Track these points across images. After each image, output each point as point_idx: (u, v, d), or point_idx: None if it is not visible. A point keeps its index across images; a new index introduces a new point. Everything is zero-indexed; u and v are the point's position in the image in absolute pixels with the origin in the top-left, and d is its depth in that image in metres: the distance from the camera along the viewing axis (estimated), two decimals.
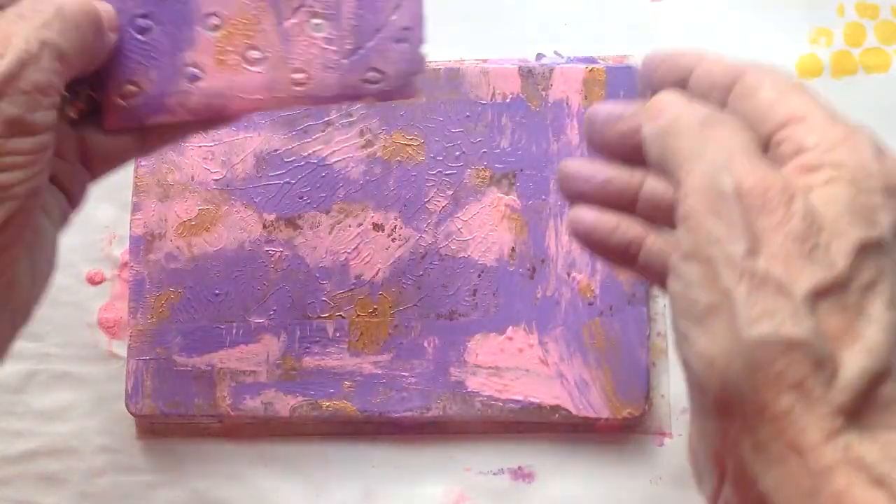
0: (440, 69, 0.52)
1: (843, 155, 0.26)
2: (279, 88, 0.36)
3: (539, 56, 0.53)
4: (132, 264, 0.51)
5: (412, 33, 0.36)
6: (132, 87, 0.36)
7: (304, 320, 0.50)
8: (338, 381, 0.50)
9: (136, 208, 0.52)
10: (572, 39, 0.53)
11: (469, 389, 0.49)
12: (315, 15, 0.35)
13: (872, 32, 0.52)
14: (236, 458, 0.51)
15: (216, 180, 0.51)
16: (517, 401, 0.49)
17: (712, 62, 0.31)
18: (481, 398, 0.49)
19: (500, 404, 0.49)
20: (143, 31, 0.35)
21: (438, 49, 0.53)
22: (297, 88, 0.36)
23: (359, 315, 0.50)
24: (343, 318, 0.50)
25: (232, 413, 0.50)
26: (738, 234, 0.25)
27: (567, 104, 0.51)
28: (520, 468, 0.50)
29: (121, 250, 0.52)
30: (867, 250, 0.25)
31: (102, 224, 0.53)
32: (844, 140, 0.27)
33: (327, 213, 0.51)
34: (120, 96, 0.36)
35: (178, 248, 0.51)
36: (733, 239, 0.25)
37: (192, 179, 0.52)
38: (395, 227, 0.51)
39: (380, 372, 0.50)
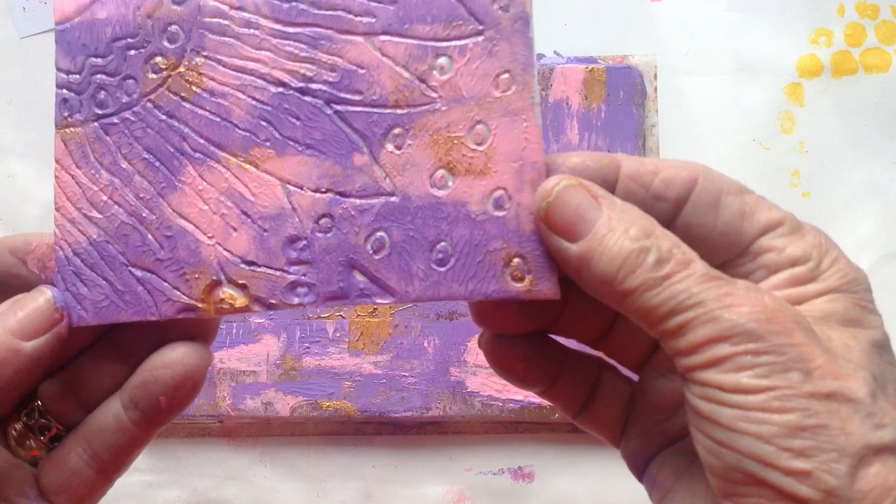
0: None
1: (827, 266, 0.28)
2: None
3: (539, 56, 0.53)
4: None
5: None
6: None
7: (304, 320, 0.50)
8: (338, 381, 0.50)
9: None
10: (572, 39, 0.53)
11: (469, 389, 0.49)
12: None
13: (872, 32, 0.52)
14: (236, 458, 0.51)
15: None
16: (517, 401, 0.49)
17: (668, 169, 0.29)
18: (481, 398, 0.49)
19: (500, 404, 0.49)
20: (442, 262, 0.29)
21: None
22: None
23: (359, 315, 0.50)
24: (343, 317, 0.50)
25: (232, 413, 0.50)
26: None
27: (567, 104, 0.51)
28: (520, 468, 0.50)
29: None
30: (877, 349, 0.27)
31: None
32: (819, 249, 0.29)
33: None
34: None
35: None
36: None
37: None
38: None
39: (380, 372, 0.50)
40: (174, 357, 0.30)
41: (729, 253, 0.28)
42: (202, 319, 0.30)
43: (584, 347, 0.32)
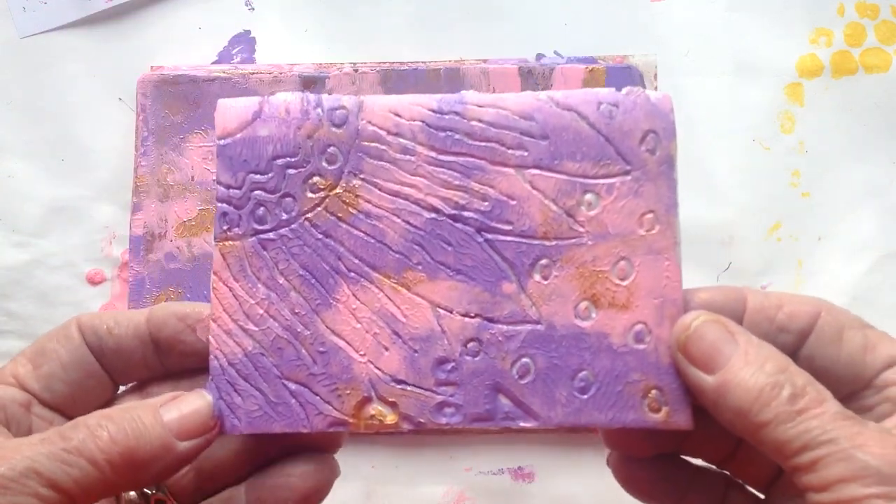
0: (440, 69, 0.52)
1: None
2: None
3: (539, 56, 0.53)
4: (132, 264, 0.51)
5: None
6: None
7: None
8: None
9: (136, 208, 0.52)
10: (572, 39, 0.53)
11: None
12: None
13: (872, 32, 0.52)
14: None
15: (216, 180, 0.51)
16: None
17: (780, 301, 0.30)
18: None
19: None
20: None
21: (438, 49, 0.53)
22: None
23: None
24: None
25: None
26: None
27: None
28: (520, 468, 0.50)
29: (121, 250, 0.52)
30: None
31: (102, 224, 0.53)
32: None
33: None
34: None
35: (178, 248, 0.51)
36: None
37: (192, 179, 0.52)
38: None
39: None
40: (309, 468, 0.32)
41: (853, 386, 0.29)
42: (332, 432, 0.31)
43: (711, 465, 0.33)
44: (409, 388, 0.31)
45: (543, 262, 0.31)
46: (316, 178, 0.31)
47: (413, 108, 0.31)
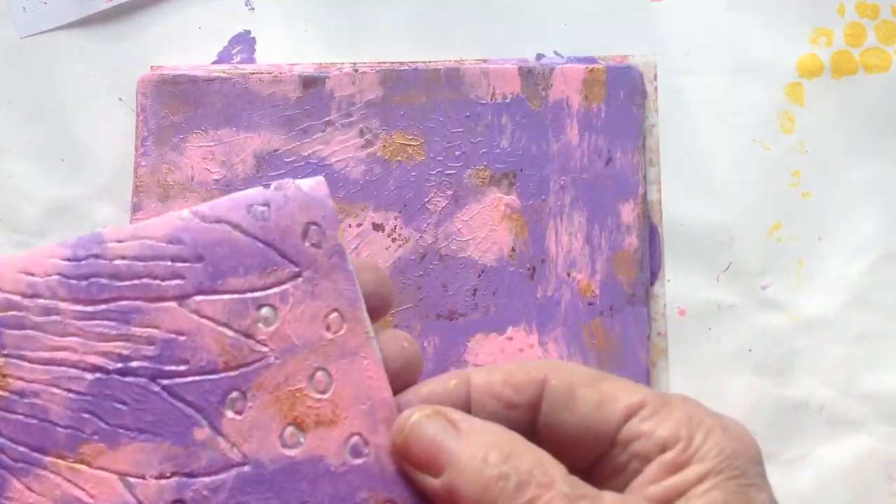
0: (440, 69, 0.52)
1: (701, 443, 0.26)
2: None
3: (539, 56, 0.53)
4: None
5: None
6: None
7: None
8: None
9: (136, 208, 0.52)
10: (572, 39, 0.53)
11: None
12: None
13: (872, 32, 0.52)
14: None
15: (216, 180, 0.51)
16: None
17: (502, 373, 0.28)
18: None
19: None
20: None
21: (438, 49, 0.53)
22: None
23: None
24: None
25: None
26: None
27: (567, 104, 0.51)
28: None
29: None
30: None
31: (102, 224, 0.53)
32: (689, 424, 0.26)
33: None
34: None
35: None
36: None
37: (192, 179, 0.52)
38: (395, 227, 0.51)
39: None
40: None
41: (598, 447, 0.27)
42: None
43: None
44: None
45: (233, 395, 0.28)
46: None
47: (46, 262, 0.28)
